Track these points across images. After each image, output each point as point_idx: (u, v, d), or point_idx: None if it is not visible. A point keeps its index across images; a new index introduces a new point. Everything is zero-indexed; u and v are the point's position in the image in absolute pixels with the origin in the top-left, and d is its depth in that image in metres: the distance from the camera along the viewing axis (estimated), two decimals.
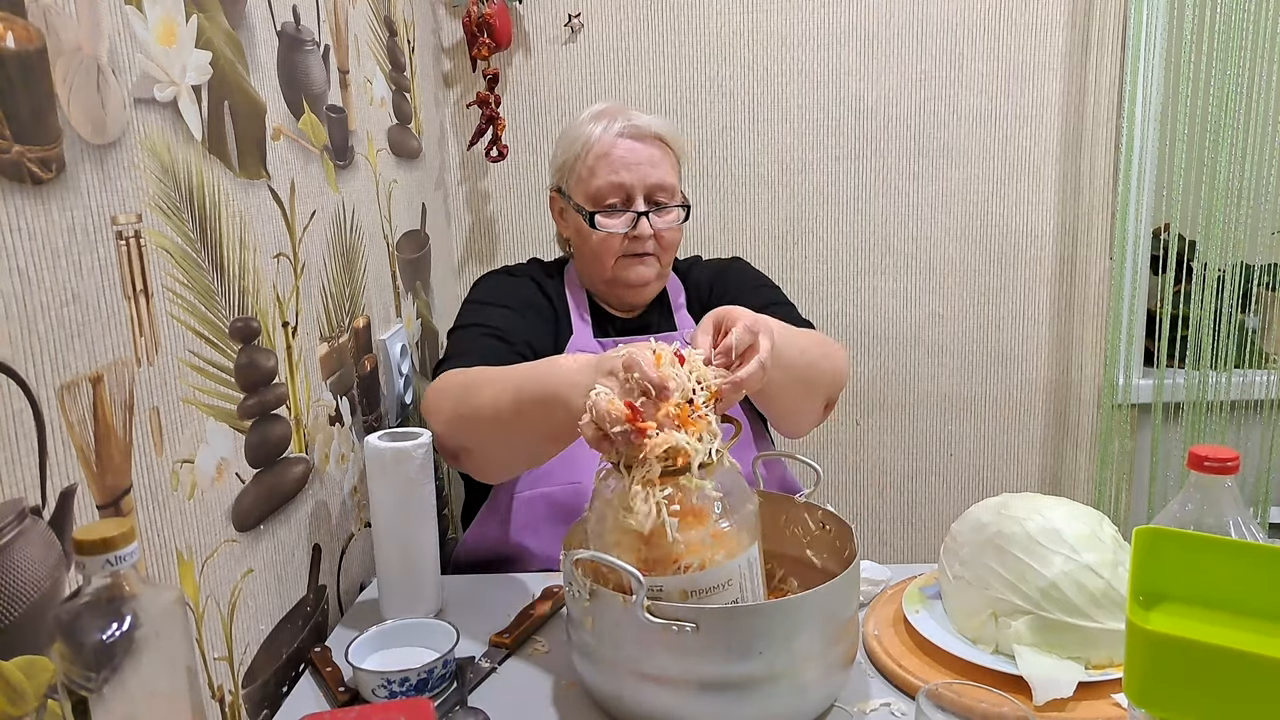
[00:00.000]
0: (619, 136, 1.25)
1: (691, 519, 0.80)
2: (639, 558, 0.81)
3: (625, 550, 0.82)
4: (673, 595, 0.81)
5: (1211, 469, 0.76)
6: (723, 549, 0.82)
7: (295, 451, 1.02)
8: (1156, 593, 0.72)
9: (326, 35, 1.19)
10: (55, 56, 0.64)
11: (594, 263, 1.29)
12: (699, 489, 0.81)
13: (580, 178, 1.27)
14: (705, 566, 0.81)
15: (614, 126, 1.26)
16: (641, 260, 1.27)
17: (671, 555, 0.80)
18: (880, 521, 2.05)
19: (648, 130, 1.27)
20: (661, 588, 0.81)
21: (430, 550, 1.08)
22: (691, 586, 0.81)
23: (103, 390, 0.68)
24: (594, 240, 1.27)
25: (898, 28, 1.84)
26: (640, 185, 1.25)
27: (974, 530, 0.93)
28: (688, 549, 0.80)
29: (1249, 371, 1.96)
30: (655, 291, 1.33)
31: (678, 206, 1.29)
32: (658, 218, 1.26)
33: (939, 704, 0.71)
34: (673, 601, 0.80)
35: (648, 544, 0.81)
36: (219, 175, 0.87)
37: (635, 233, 1.25)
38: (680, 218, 1.29)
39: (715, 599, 0.81)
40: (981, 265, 1.94)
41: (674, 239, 1.30)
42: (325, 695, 0.94)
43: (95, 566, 0.54)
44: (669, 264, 1.32)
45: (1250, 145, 1.83)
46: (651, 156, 1.26)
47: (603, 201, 1.26)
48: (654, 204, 1.27)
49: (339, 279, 1.19)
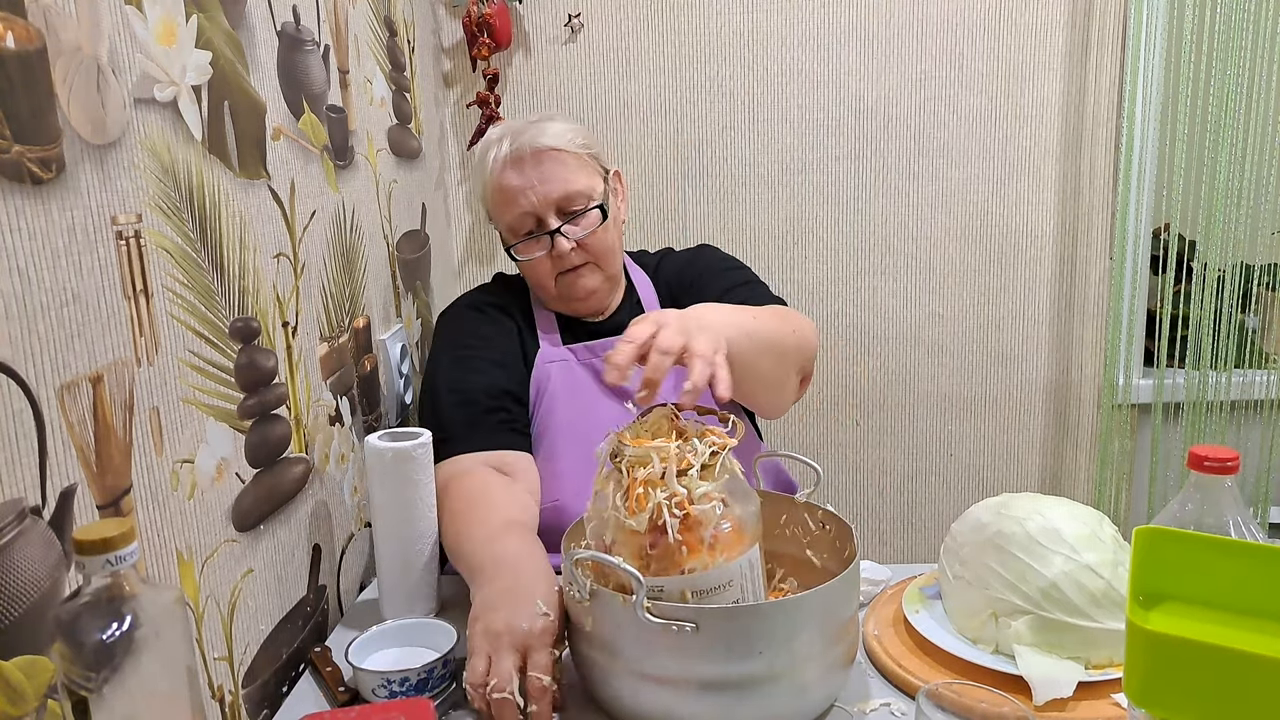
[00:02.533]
0: (505, 167, 1.22)
1: (693, 520, 0.80)
2: (640, 559, 0.81)
3: (626, 551, 0.82)
4: (674, 596, 0.81)
5: (1211, 469, 0.76)
6: (724, 551, 0.82)
7: (295, 451, 1.02)
8: (1156, 593, 0.72)
9: (326, 35, 1.19)
10: (55, 56, 0.64)
11: (539, 286, 1.28)
12: (700, 491, 0.81)
13: (494, 214, 1.28)
14: (707, 567, 0.81)
15: (501, 154, 1.23)
16: (576, 272, 1.24)
17: (673, 557, 0.80)
18: (880, 521, 2.05)
19: (528, 148, 1.21)
20: (663, 588, 0.81)
21: (430, 550, 1.08)
22: (693, 587, 0.81)
23: (103, 390, 0.68)
24: (525, 268, 1.26)
25: (898, 28, 1.84)
26: (544, 204, 1.21)
27: (974, 530, 0.93)
28: (689, 551, 0.80)
29: (1249, 371, 1.96)
30: (608, 295, 1.29)
31: (593, 208, 1.23)
32: (573, 227, 1.22)
33: (939, 704, 0.71)
34: (674, 602, 0.80)
35: (649, 545, 0.81)
36: (219, 175, 0.87)
37: (555, 252, 1.22)
38: (598, 220, 1.23)
39: (716, 599, 0.81)
40: (981, 265, 1.94)
41: (601, 241, 1.24)
42: (325, 695, 0.94)
43: (95, 566, 0.54)
44: (613, 265, 1.28)
45: (1250, 145, 1.83)
46: (542, 173, 1.21)
47: (520, 232, 1.23)
48: (567, 215, 1.22)
49: (339, 279, 1.19)
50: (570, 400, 1.24)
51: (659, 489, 0.80)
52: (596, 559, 0.81)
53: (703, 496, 0.81)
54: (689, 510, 0.80)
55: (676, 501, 0.80)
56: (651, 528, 0.80)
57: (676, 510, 0.79)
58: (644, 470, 0.81)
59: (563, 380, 1.26)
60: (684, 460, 0.81)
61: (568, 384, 1.25)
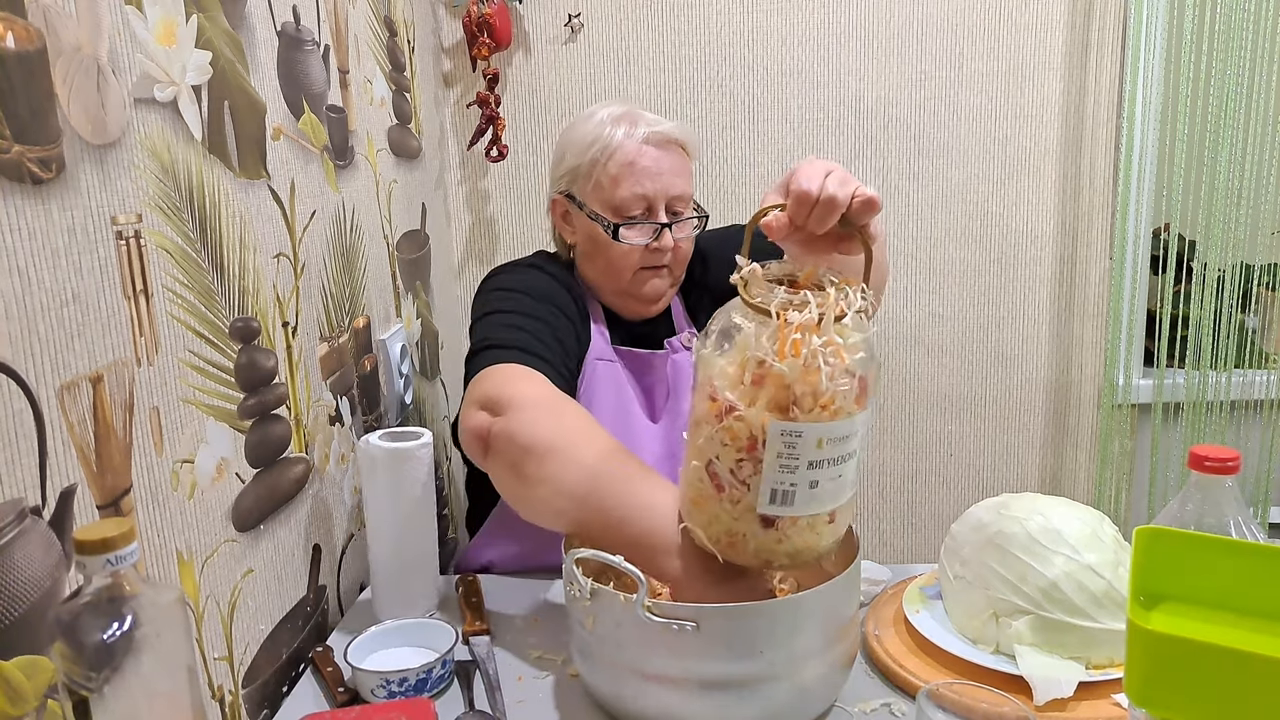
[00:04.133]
0: (644, 144, 1.19)
1: (842, 368, 0.77)
2: (775, 401, 0.78)
3: (762, 390, 0.78)
4: (809, 442, 0.77)
5: (1212, 469, 0.76)
6: (859, 401, 0.79)
7: (295, 451, 1.02)
8: (1157, 593, 0.72)
9: (326, 35, 1.19)
10: (55, 56, 0.64)
11: (608, 273, 1.24)
12: (852, 340, 0.78)
13: (599, 185, 1.20)
14: (841, 416, 0.78)
15: (637, 132, 1.19)
16: (657, 273, 1.23)
17: (818, 400, 0.77)
18: (880, 521, 2.05)
19: (671, 137, 1.21)
20: (801, 433, 0.77)
21: (427, 551, 1.08)
22: (829, 434, 0.78)
23: (103, 390, 0.68)
24: (613, 251, 1.21)
25: (898, 28, 1.84)
26: (663, 196, 1.20)
27: (974, 530, 0.93)
28: (836, 395, 0.77)
29: (1249, 371, 1.96)
30: (666, 304, 1.29)
31: (695, 216, 1.24)
32: (678, 229, 1.22)
33: (939, 704, 0.71)
34: (808, 447, 0.77)
35: (789, 387, 0.77)
36: (219, 175, 0.87)
37: (657, 245, 1.20)
38: (694, 227, 1.24)
39: (843, 449, 0.79)
40: (981, 265, 1.94)
41: (689, 250, 1.26)
42: (325, 695, 0.94)
43: (95, 566, 0.54)
44: (681, 275, 1.28)
45: (1250, 145, 1.83)
46: (674, 165, 1.21)
47: (626, 212, 1.19)
48: (673, 214, 1.22)
49: (339, 279, 1.19)
50: (609, 404, 1.22)
51: (814, 335, 0.77)
52: (598, 558, 0.81)
53: (852, 346, 0.78)
54: (844, 358, 0.77)
55: (833, 350, 0.77)
56: (800, 372, 0.77)
57: (831, 359, 0.77)
58: (799, 315, 0.77)
59: (606, 381, 1.23)
60: (840, 308, 0.78)
61: (610, 387, 1.23)
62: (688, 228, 1.23)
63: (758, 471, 0.78)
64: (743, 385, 0.79)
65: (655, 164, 1.19)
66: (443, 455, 1.63)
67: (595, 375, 1.22)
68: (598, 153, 1.20)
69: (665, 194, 1.20)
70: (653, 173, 1.19)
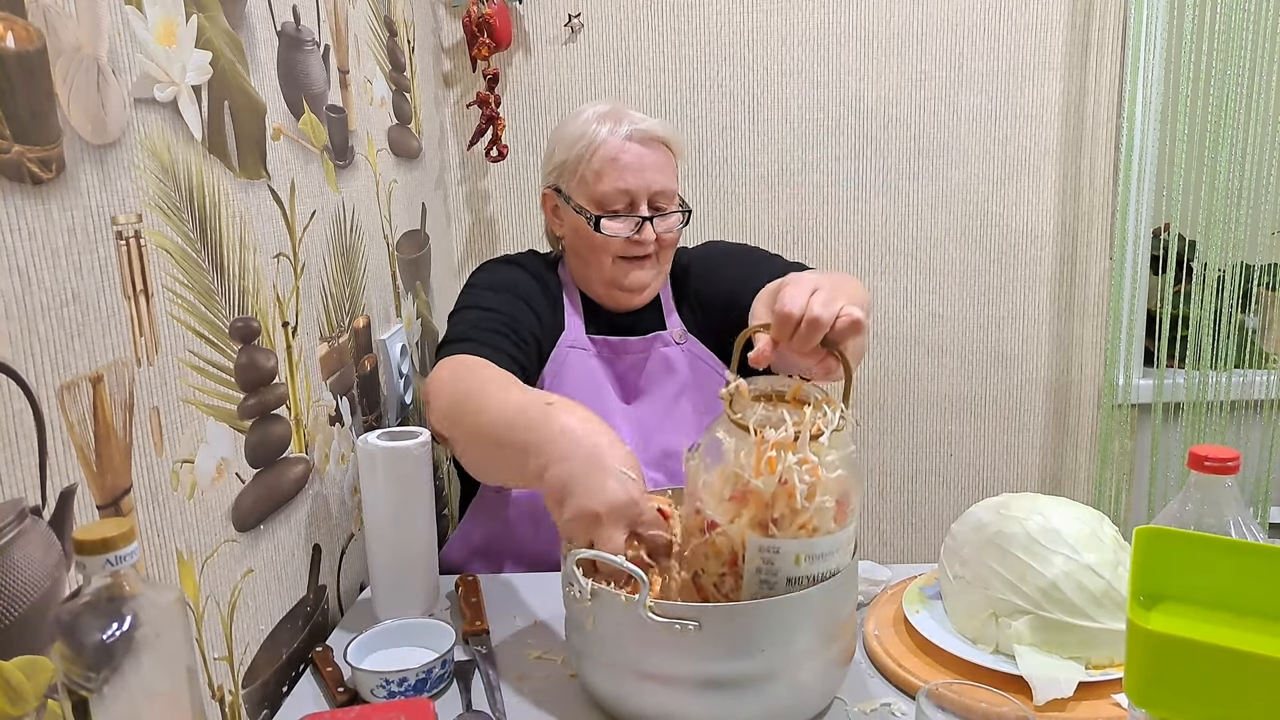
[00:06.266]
0: (626, 140, 1.24)
1: (818, 486, 0.79)
2: (755, 518, 0.80)
3: (744, 509, 0.80)
4: (787, 559, 0.79)
5: (1212, 469, 0.76)
6: (838, 519, 0.81)
7: (295, 451, 1.02)
8: (1157, 593, 0.72)
9: (326, 35, 1.19)
10: (55, 56, 0.64)
11: (592, 263, 1.28)
12: (829, 458, 0.80)
13: (584, 180, 1.26)
14: (821, 534, 0.80)
15: (620, 129, 1.25)
16: (639, 264, 1.27)
17: (796, 518, 0.79)
18: (880, 521, 2.05)
19: (653, 134, 1.26)
20: (779, 549, 0.79)
21: (425, 550, 1.08)
22: (808, 551, 0.80)
23: (103, 390, 0.68)
24: (595, 241, 1.26)
25: (898, 28, 1.84)
26: (645, 191, 1.25)
27: (974, 530, 0.93)
28: (814, 513, 0.79)
29: (1249, 371, 1.96)
30: (652, 295, 1.32)
31: (678, 211, 1.29)
32: (660, 222, 1.26)
33: (939, 704, 0.71)
34: (785, 563, 0.79)
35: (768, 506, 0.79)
36: (219, 175, 0.87)
37: (639, 237, 1.25)
38: (681, 222, 1.29)
39: (821, 566, 0.81)
40: (981, 265, 1.94)
41: (674, 242, 1.30)
42: (325, 695, 0.94)
43: (95, 566, 0.54)
44: (667, 267, 1.32)
45: (1250, 145, 1.83)
46: (657, 162, 1.26)
47: (608, 206, 1.25)
48: (655, 209, 1.26)
49: (339, 279, 1.19)
50: (582, 387, 1.25)
51: (789, 453, 0.79)
52: (600, 559, 0.81)
53: (830, 464, 0.80)
54: (818, 476, 0.79)
55: (808, 468, 0.79)
56: (776, 490, 0.79)
57: (806, 477, 0.78)
58: (775, 433, 0.80)
59: (578, 367, 1.27)
60: (815, 427, 0.80)
61: (582, 375, 1.27)
62: (670, 221, 1.28)
63: (739, 586, 0.81)
64: (725, 501, 0.81)
65: (638, 160, 1.24)
66: (442, 455, 1.63)
67: (566, 361, 1.28)
68: (583, 149, 1.26)
69: (647, 189, 1.25)
70: (635, 168, 1.24)
